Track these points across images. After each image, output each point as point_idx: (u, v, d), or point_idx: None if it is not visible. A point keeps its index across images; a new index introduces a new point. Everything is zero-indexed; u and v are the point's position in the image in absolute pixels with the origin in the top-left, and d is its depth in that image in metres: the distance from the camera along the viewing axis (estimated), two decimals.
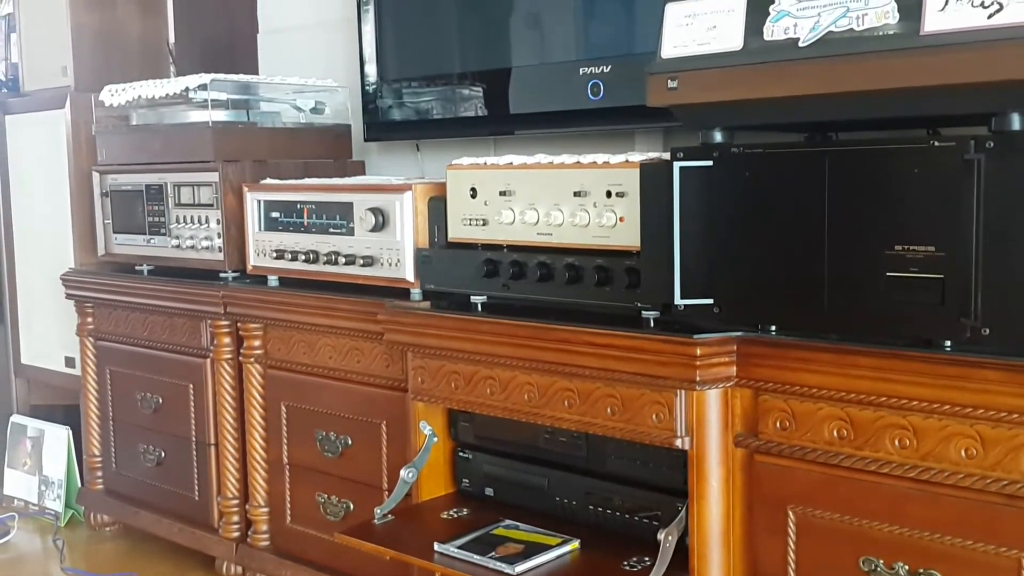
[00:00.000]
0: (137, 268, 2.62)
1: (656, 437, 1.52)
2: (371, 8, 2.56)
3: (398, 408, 1.96)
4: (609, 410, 1.57)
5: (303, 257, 2.17)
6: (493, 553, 1.65)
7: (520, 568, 1.60)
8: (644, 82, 1.49)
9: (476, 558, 1.64)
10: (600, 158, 1.68)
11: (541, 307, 1.73)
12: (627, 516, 1.68)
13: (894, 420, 1.34)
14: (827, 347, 1.38)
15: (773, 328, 1.46)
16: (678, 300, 1.48)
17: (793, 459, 1.43)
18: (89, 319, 2.74)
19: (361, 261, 2.05)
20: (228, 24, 3.25)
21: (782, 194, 1.40)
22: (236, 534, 2.40)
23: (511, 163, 1.81)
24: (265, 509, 2.32)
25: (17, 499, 3.06)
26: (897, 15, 1.26)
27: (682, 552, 1.52)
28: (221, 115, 2.47)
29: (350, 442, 2.10)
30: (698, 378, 1.46)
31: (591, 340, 1.57)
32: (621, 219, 1.63)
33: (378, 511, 1.84)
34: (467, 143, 2.48)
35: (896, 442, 1.34)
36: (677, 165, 1.47)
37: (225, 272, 2.39)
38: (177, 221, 2.49)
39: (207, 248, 2.42)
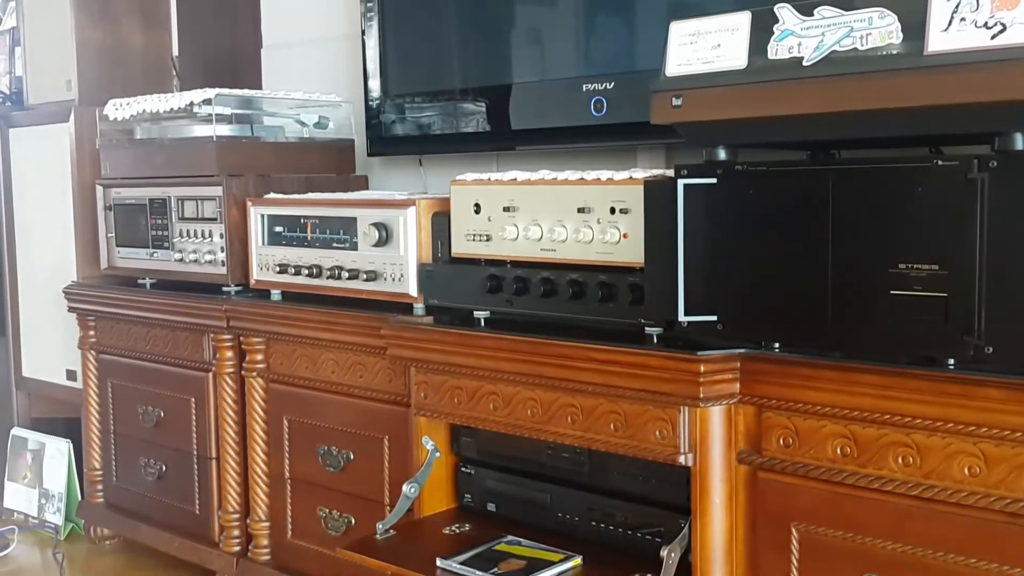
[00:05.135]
0: (140, 282, 2.62)
1: (659, 454, 1.52)
2: (375, 24, 2.57)
3: (400, 423, 1.97)
4: (612, 426, 1.57)
5: (306, 271, 2.17)
6: (495, 569, 1.64)
7: None
8: (648, 99, 1.49)
9: (478, 574, 1.63)
10: (604, 175, 1.69)
11: (544, 323, 1.73)
12: (630, 532, 1.68)
13: (897, 438, 1.34)
14: (831, 365, 1.38)
15: (777, 345, 1.46)
16: (682, 317, 1.48)
17: (796, 476, 1.43)
18: (91, 332, 2.74)
19: (364, 276, 2.05)
20: (232, 39, 3.26)
21: (786, 212, 1.41)
22: (237, 548, 2.40)
23: (515, 179, 1.81)
24: (266, 523, 2.32)
25: (17, 512, 3.05)
26: (901, 35, 1.27)
27: (685, 569, 1.51)
28: (225, 129, 2.48)
29: (352, 457, 2.10)
30: (701, 395, 1.46)
31: (594, 356, 1.57)
32: (625, 235, 1.63)
33: (380, 526, 1.84)
34: (470, 158, 2.49)
35: (899, 460, 1.34)
36: (681, 182, 1.47)
37: (228, 286, 2.39)
38: (180, 235, 2.50)
39: (210, 262, 2.42)
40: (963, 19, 1.21)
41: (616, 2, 2.14)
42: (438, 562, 1.68)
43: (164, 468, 2.56)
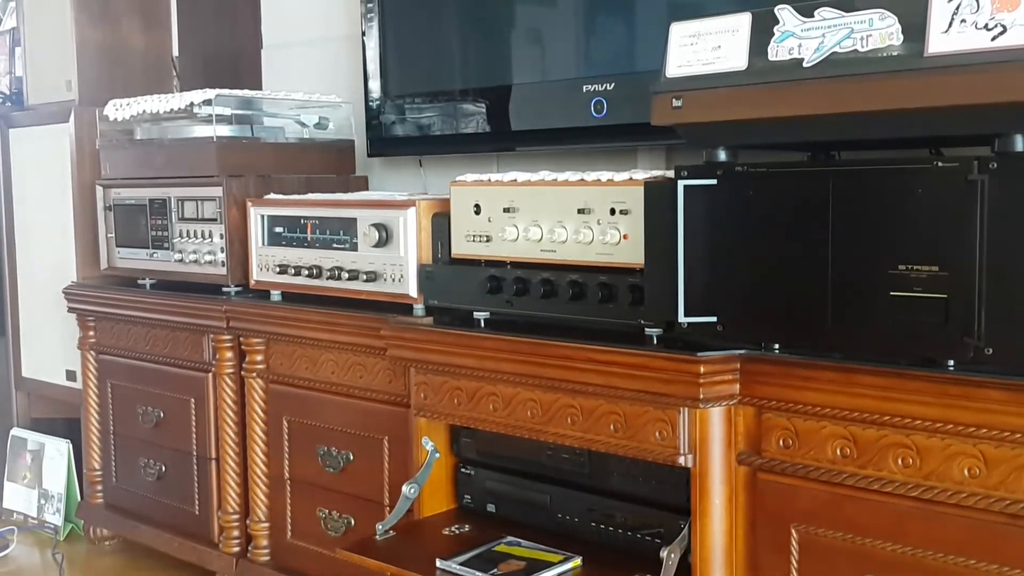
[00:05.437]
0: (140, 282, 2.62)
1: (659, 455, 1.52)
2: (375, 24, 2.57)
3: (400, 424, 1.97)
4: (612, 427, 1.57)
5: (306, 272, 2.17)
6: (495, 570, 1.64)
7: None
8: (648, 100, 1.49)
9: (478, 575, 1.63)
10: (604, 175, 1.69)
11: (544, 324, 1.73)
12: (629, 533, 1.68)
13: (897, 439, 1.34)
14: (830, 366, 1.38)
15: (776, 346, 1.46)
16: (682, 318, 1.49)
17: (796, 477, 1.43)
18: (91, 332, 2.74)
19: (364, 276, 2.05)
20: (232, 39, 3.26)
21: (786, 213, 1.41)
22: (236, 549, 2.40)
23: (515, 180, 1.81)
24: (266, 524, 2.32)
25: (16, 512, 3.05)
26: (901, 36, 1.27)
27: (685, 570, 1.51)
28: (225, 130, 2.48)
29: (352, 457, 2.10)
30: (701, 396, 1.46)
31: (594, 357, 1.57)
32: (625, 236, 1.63)
33: (380, 527, 1.84)
34: (470, 159, 2.49)
35: (899, 461, 1.34)
36: (681, 183, 1.47)
37: (228, 286, 2.39)
38: (180, 235, 2.50)
39: (210, 262, 2.42)
40: (963, 21, 1.21)
41: (616, 3, 2.14)
42: (438, 563, 1.68)
43: (164, 469, 2.56)
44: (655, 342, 1.56)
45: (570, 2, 2.24)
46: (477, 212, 1.85)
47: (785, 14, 1.36)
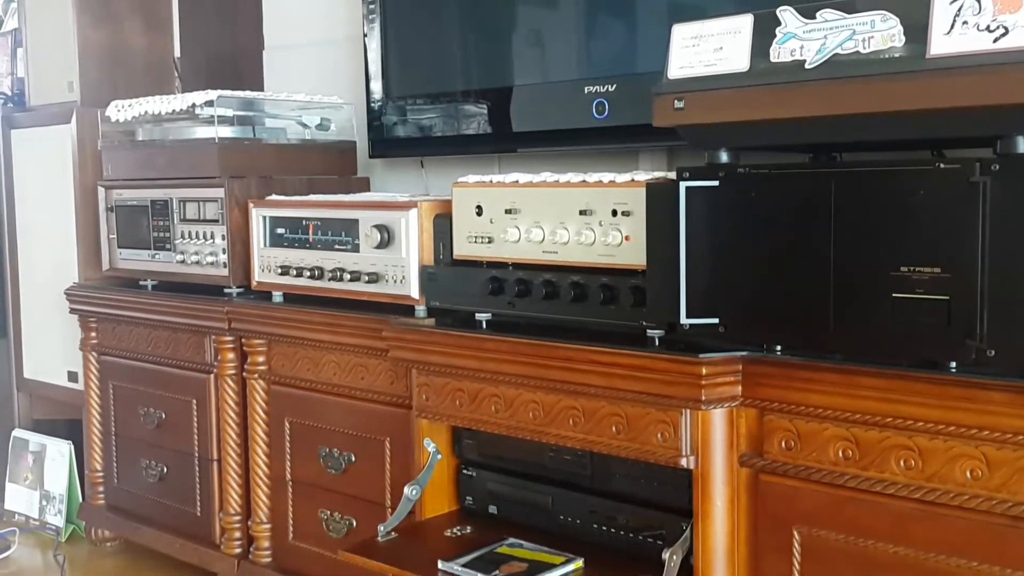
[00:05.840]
0: (141, 283, 2.62)
1: (661, 456, 1.52)
2: (376, 25, 2.57)
3: (402, 425, 1.97)
4: (614, 428, 1.57)
5: (308, 273, 2.17)
6: (497, 572, 1.64)
7: None
8: (650, 102, 1.49)
9: None
10: (606, 177, 1.69)
11: (546, 325, 1.73)
12: (632, 535, 1.68)
13: (899, 441, 1.34)
14: (833, 367, 1.38)
15: (779, 348, 1.46)
16: (684, 319, 1.49)
17: (798, 479, 1.43)
18: (93, 334, 2.74)
19: (366, 278, 2.05)
20: (234, 40, 3.27)
21: (788, 214, 1.41)
22: (238, 550, 2.40)
23: (517, 181, 1.81)
24: (267, 525, 2.32)
25: (18, 514, 3.06)
26: (903, 38, 1.27)
27: (686, 572, 1.51)
28: (227, 131, 2.48)
29: (353, 459, 2.10)
30: (703, 397, 1.46)
31: (596, 358, 1.57)
32: (627, 238, 1.63)
33: (381, 528, 1.84)
34: (472, 160, 2.49)
35: (901, 463, 1.34)
36: (683, 185, 1.47)
37: (230, 288, 2.39)
38: (182, 236, 2.50)
39: (212, 264, 2.42)
40: (965, 22, 1.21)
41: (617, 4, 2.14)
42: (440, 564, 1.68)
43: (165, 470, 2.56)
44: (657, 344, 1.56)
45: (571, 3, 2.24)
46: (479, 213, 1.85)
47: (787, 16, 1.36)
